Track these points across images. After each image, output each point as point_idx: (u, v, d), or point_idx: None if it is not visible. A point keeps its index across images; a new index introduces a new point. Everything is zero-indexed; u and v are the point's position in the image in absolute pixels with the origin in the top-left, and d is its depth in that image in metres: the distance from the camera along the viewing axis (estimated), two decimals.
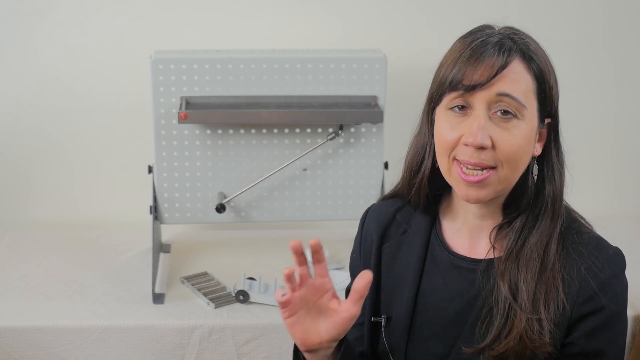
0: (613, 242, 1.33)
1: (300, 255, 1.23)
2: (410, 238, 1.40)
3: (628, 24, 2.58)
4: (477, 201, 1.28)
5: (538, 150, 1.30)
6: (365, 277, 1.22)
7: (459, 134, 1.25)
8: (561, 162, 1.32)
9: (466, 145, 1.24)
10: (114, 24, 2.44)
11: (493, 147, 1.23)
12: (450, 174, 1.28)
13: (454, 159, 1.26)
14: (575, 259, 1.27)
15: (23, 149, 2.52)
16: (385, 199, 1.47)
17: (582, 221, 1.34)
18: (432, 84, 1.32)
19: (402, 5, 2.50)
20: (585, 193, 2.66)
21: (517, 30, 1.31)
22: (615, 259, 1.28)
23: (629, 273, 1.31)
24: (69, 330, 1.98)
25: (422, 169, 1.36)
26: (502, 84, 1.23)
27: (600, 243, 1.30)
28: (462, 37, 1.30)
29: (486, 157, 1.24)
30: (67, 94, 2.48)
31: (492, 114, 1.24)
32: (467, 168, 1.25)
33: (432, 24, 2.52)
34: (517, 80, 1.24)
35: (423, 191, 1.37)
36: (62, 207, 2.57)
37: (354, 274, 1.51)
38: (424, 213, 1.40)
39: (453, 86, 1.25)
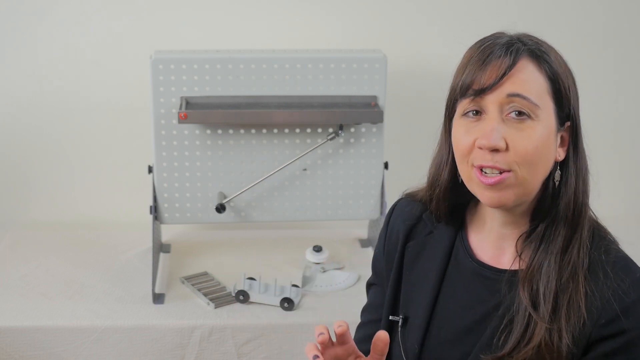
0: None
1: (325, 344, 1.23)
2: (435, 239, 1.39)
3: (628, 24, 2.58)
4: (499, 204, 1.25)
5: (561, 155, 1.28)
6: (383, 337, 1.23)
7: (473, 137, 1.24)
8: (580, 167, 1.29)
9: (480, 148, 1.22)
10: (114, 24, 2.44)
11: (507, 149, 1.21)
12: (471, 179, 1.26)
13: (472, 165, 1.25)
14: (600, 278, 1.24)
15: (23, 149, 2.52)
16: (411, 196, 1.45)
17: (611, 238, 1.31)
18: (448, 95, 1.31)
19: (402, 5, 2.50)
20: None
21: (531, 35, 1.29)
22: None
23: None
24: (69, 330, 1.98)
25: (440, 182, 1.34)
26: (512, 85, 1.22)
27: (627, 265, 1.26)
28: (473, 44, 1.28)
29: (500, 160, 1.22)
30: (67, 94, 2.48)
31: (506, 115, 1.22)
32: (485, 173, 1.23)
33: (432, 24, 2.52)
34: (528, 81, 1.22)
35: (443, 204, 1.36)
36: (62, 207, 2.57)
37: (376, 271, 1.50)
38: (447, 224, 1.38)
39: (463, 92, 1.24)
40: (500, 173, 1.22)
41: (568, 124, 1.28)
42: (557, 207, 1.27)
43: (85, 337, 1.98)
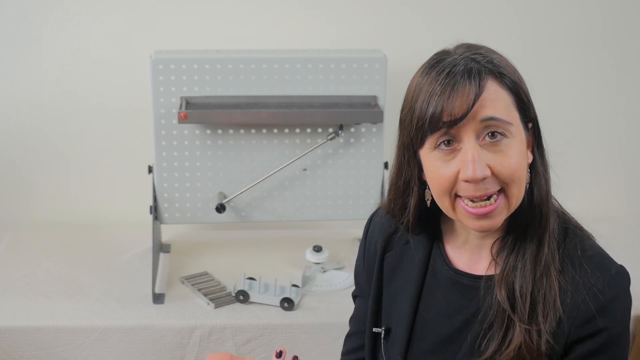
0: (612, 243, 1.31)
1: None
2: (412, 249, 1.38)
3: (626, 24, 2.57)
4: (490, 230, 1.24)
5: (530, 157, 1.27)
6: None
7: (454, 170, 1.22)
8: (545, 163, 1.29)
9: (466, 181, 1.21)
10: (114, 24, 2.44)
11: (493, 173, 1.20)
12: (456, 210, 1.25)
13: (456, 195, 1.23)
14: (574, 273, 1.23)
15: (23, 149, 2.52)
16: (385, 207, 1.43)
17: (584, 232, 1.30)
18: (402, 124, 1.27)
19: (402, 5, 2.50)
20: (584, 193, 2.66)
21: (472, 46, 1.27)
22: (617, 280, 1.23)
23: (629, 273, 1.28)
24: (69, 330, 1.98)
25: (409, 212, 1.33)
26: (483, 109, 1.20)
27: (603, 261, 1.25)
28: (422, 71, 1.26)
29: (490, 186, 1.21)
30: (67, 94, 2.48)
31: (481, 140, 1.21)
32: (473, 201, 1.22)
33: (432, 24, 2.52)
34: (496, 100, 1.21)
35: (412, 227, 1.35)
36: (62, 207, 2.57)
37: (358, 283, 1.51)
38: (421, 235, 1.38)
39: (433, 126, 1.21)
40: (490, 199, 1.21)
41: (530, 125, 1.27)
42: (529, 206, 1.26)
43: (85, 337, 1.98)
